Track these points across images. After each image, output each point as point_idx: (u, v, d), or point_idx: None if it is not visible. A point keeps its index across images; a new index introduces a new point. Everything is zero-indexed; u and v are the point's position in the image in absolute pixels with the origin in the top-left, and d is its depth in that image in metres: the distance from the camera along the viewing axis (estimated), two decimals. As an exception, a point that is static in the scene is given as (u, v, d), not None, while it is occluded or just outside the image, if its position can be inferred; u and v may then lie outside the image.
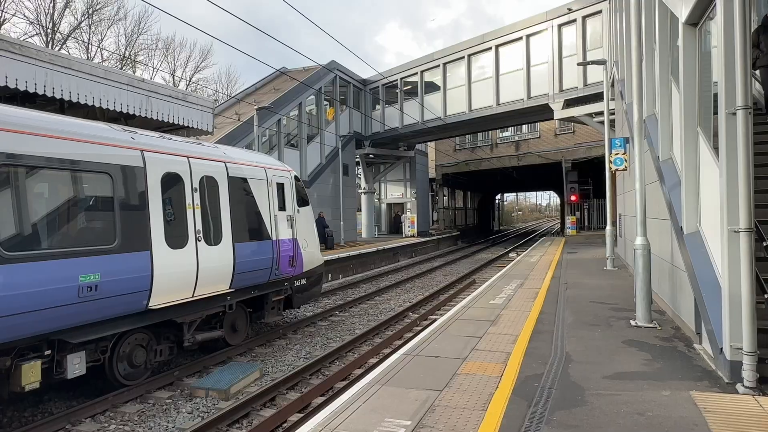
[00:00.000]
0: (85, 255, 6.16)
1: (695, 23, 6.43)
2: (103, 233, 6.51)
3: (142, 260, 6.88)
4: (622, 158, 13.14)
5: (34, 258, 5.64)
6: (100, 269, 6.28)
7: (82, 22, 30.64)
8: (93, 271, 6.20)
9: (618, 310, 8.88)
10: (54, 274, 5.77)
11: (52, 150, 5.94)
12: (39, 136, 5.85)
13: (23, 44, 8.17)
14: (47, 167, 5.95)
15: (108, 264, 6.39)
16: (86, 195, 6.46)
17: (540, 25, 23.58)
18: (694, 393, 4.79)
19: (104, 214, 6.61)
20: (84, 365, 6.40)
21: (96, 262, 6.26)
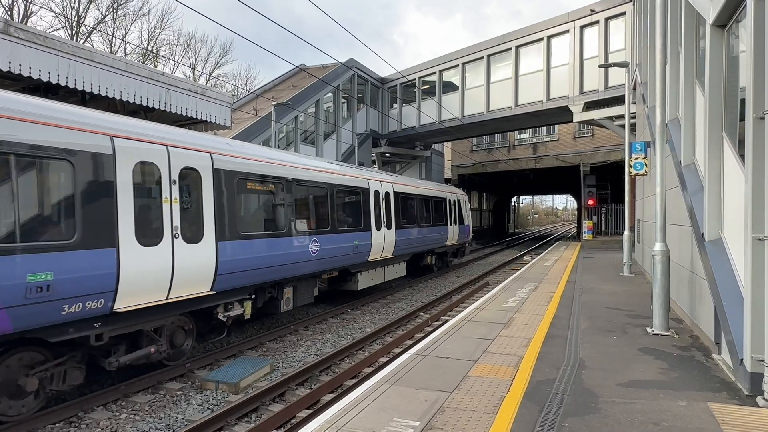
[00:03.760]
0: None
1: (723, 25, 6.26)
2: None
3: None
4: (642, 162, 12.92)
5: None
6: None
7: (107, 16, 31.13)
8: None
9: (634, 316, 8.72)
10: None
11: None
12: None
13: (47, 36, 8.30)
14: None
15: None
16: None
17: (561, 26, 23.28)
18: (711, 404, 4.66)
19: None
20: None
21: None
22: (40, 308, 5.46)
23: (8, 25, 7.67)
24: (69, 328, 5.95)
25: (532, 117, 25.83)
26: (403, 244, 15.35)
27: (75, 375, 6.33)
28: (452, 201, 20.73)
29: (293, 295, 10.45)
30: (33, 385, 5.79)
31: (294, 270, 9.95)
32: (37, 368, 5.88)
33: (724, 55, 6.37)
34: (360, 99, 29.47)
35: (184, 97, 10.80)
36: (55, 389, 6.13)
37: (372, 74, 30.26)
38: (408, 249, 15.94)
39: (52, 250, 5.59)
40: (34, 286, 5.38)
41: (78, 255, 5.83)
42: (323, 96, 25.98)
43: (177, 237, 7.18)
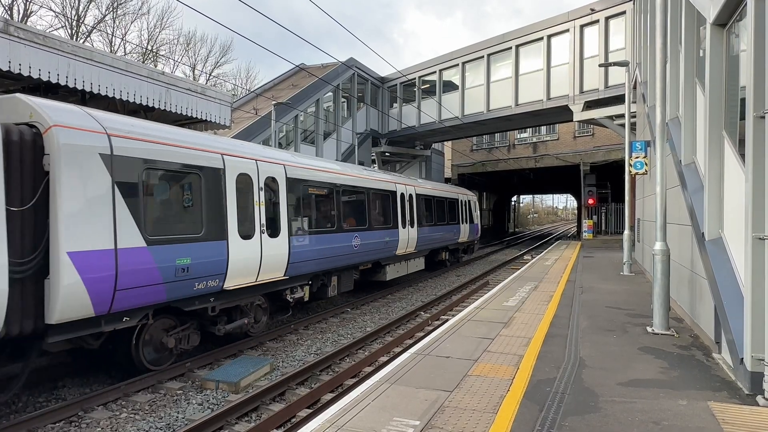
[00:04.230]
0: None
1: (723, 24, 6.26)
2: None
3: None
4: (642, 162, 12.92)
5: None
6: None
7: (107, 15, 31.11)
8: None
9: (634, 316, 8.72)
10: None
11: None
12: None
13: (47, 35, 8.29)
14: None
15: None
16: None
17: (561, 26, 23.26)
18: (712, 404, 4.66)
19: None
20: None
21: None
22: (182, 284, 7.28)
23: (8, 25, 7.66)
24: (196, 300, 7.75)
25: (532, 116, 25.82)
26: (423, 241, 17.21)
27: (194, 338, 8.13)
28: (464, 201, 22.54)
29: (337, 283, 12.15)
30: (171, 343, 7.64)
31: (340, 261, 11.79)
32: (171, 331, 7.67)
33: (725, 54, 6.37)
34: (360, 98, 29.45)
35: (184, 96, 10.79)
36: (182, 348, 7.90)
37: (372, 73, 30.24)
38: (427, 245, 17.82)
39: (190, 241, 7.39)
40: (180, 267, 7.21)
41: (204, 245, 7.65)
42: (323, 95, 25.96)
43: (263, 232, 9.01)
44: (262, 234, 8.94)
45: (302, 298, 10.56)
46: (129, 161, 6.59)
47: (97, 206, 6.18)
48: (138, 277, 6.60)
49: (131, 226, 6.55)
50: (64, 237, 5.76)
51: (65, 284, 5.72)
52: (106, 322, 6.44)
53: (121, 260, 6.37)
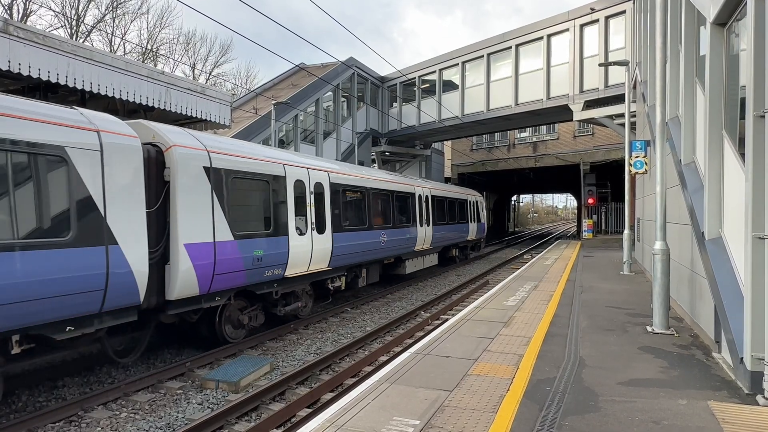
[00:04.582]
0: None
1: (723, 23, 6.25)
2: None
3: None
4: (642, 161, 12.92)
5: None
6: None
7: (106, 15, 31.09)
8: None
9: (634, 315, 8.72)
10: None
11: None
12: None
13: (46, 35, 8.28)
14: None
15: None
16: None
17: (561, 25, 23.25)
18: (712, 403, 4.66)
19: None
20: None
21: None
22: (257, 271, 8.89)
23: (8, 24, 7.66)
24: (265, 285, 9.36)
25: (532, 116, 25.81)
26: (437, 239, 18.94)
27: (260, 317, 9.74)
28: (472, 202, 24.35)
29: (366, 275, 13.75)
30: (245, 320, 9.20)
31: (370, 255, 13.49)
32: (244, 311, 9.24)
33: (725, 54, 6.36)
34: (360, 98, 29.43)
35: (183, 95, 10.79)
36: (251, 324, 9.43)
37: (372, 73, 30.22)
38: (440, 242, 19.52)
39: (263, 236, 9.06)
40: (256, 257, 8.81)
41: (273, 239, 9.32)
42: (323, 95, 25.95)
43: (313, 229, 10.66)
44: (312, 231, 10.65)
45: (339, 287, 12.32)
46: (222, 172, 8.26)
47: (202, 208, 7.81)
48: (228, 265, 8.25)
49: (224, 223, 8.20)
50: (181, 232, 7.40)
51: (182, 269, 7.37)
52: (204, 300, 8.00)
53: (218, 251, 8.01)
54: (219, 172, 8.17)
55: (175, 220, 7.35)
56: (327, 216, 11.21)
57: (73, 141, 5.96)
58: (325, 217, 11.13)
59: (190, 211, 7.55)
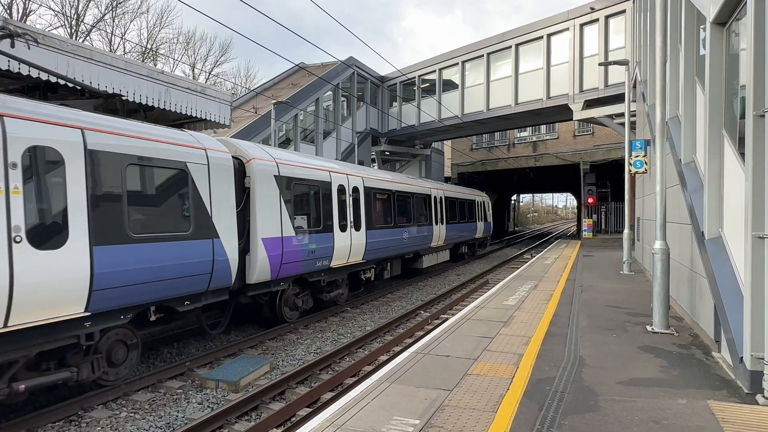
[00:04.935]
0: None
1: (723, 23, 6.25)
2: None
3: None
4: (642, 160, 12.92)
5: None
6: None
7: (106, 14, 31.08)
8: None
9: (634, 315, 8.72)
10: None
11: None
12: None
13: (46, 34, 8.27)
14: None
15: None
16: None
17: (561, 24, 23.24)
18: (711, 402, 4.66)
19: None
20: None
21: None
22: (310, 262, 10.58)
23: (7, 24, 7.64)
24: (315, 274, 10.99)
25: (532, 115, 25.80)
26: (450, 236, 20.61)
27: (309, 302, 11.35)
28: (479, 202, 26.08)
29: (390, 268, 15.39)
30: (299, 303, 10.86)
31: (395, 250, 15.16)
32: (298, 296, 10.86)
33: (724, 53, 6.36)
34: (360, 97, 29.42)
35: (183, 95, 10.77)
36: (303, 308, 11.07)
37: (372, 72, 30.20)
38: (452, 239, 21.11)
39: (315, 233, 10.74)
40: (310, 250, 10.51)
41: (322, 235, 10.99)
42: (323, 94, 25.94)
43: (352, 227, 12.26)
44: (351, 228, 12.25)
45: (370, 278, 13.85)
46: (286, 179, 9.96)
47: (273, 208, 9.49)
48: (292, 256, 9.92)
49: (288, 221, 9.86)
50: (259, 228, 9.07)
51: (259, 258, 9.00)
52: (273, 285, 9.66)
53: (285, 244, 9.69)
54: (284, 179, 9.91)
55: (255, 218, 9.08)
56: (362, 215, 12.95)
57: (191, 158, 7.67)
58: (360, 217, 12.86)
59: (264, 211, 9.29)
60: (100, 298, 6.10)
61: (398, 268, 16.06)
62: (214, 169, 8.10)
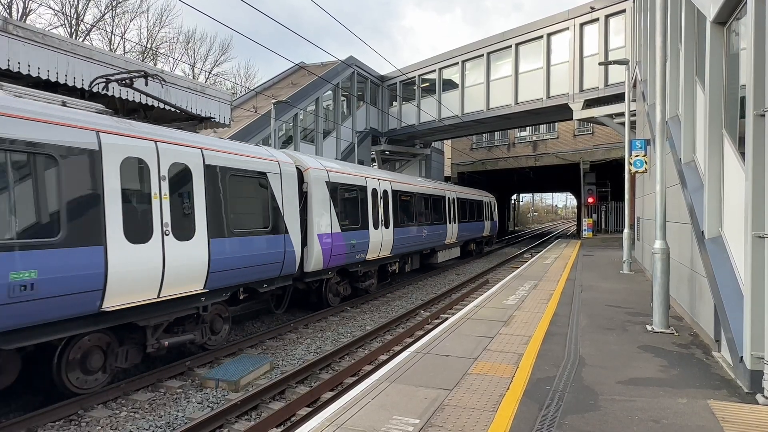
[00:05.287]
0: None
1: (723, 22, 6.25)
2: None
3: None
4: (642, 160, 12.91)
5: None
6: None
7: (106, 13, 31.05)
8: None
9: (634, 314, 8.72)
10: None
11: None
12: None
13: (46, 33, 8.27)
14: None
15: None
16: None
17: (561, 24, 23.22)
18: (711, 402, 4.66)
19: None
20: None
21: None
22: (351, 255, 12.35)
23: (7, 23, 7.64)
24: (353, 266, 12.81)
25: (532, 115, 25.78)
26: (461, 234, 22.50)
27: (348, 289, 13.19)
28: (486, 203, 28.00)
29: (411, 262, 17.29)
30: (341, 291, 12.72)
31: (416, 246, 17.06)
32: (340, 284, 12.63)
33: (725, 53, 6.36)
34: (360, 97, 29.39)
35: (183, 94, 10.77)
36: (343, 294, 12.88)
37: (372, 72, 30.18)
38: (463, 237, 23.02)
39: (355, 230, 12.59)
40: (351, 244, 12.25)
41: (360, 232, 12.85)
42: (323, 94, 25.91)
43: (382, 225, 14.15)
44: (382, 226, 14.08)
45: (395, 270, 15.69)
46: (333, 184, 11.77)
47: (324, 209, 11.33)
48: (338, 249, 11.70)
49: (335, 219, 11.66)
50: (315, 225, 10.92)
51: (315, 251, 10.86)
52: (323, 274, 11.50)
53: (333, 239, 11.49)
54: (332, 185, 11.72)
55: (311, 217, 10.91)
56: (390, 215, 14.75)
57: (269, 168, 9.53)
58: (389, 216, 14.66)
59: (318, 211, 11.13)
60: (213, 279, 7.93)
61: (417, 262, 17.95)
62: (284, 177, 9.93)
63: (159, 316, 7.21)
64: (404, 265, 16.51)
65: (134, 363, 7.19)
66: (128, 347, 7.05)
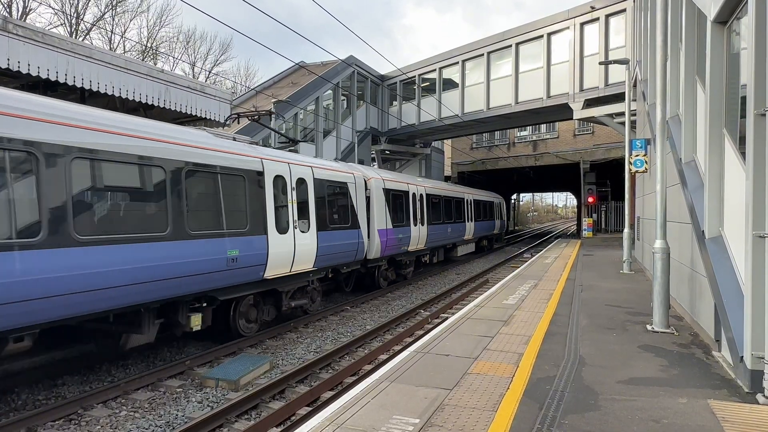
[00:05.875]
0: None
1: (724, 22, 6.24)
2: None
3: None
4: (642, 160, 12.91)
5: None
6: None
7: (106, 13, 31.04)
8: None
9: (634, 314, 8.71)
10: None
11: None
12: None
13: (46, 33, 8.26)
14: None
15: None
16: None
17: (562, 23, 23.20)
18: (712, 402, 4.66)
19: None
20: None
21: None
22: (398, 247, 15.26)
23: (7, 22, 7.64)
24: (399, 256, 15.70)
25: (532, 114, 25.76)
26: (477, 231, 25.71)
27: (394, 275, 16.02)
28: (497, 204, 31.33)
29: (437, 255, 20.56)
30: (390, 276, 15.67)
31: (442, 241, 20.12)
32: (388, 270, 15.55)
33: (725, 52, 6.35)
34: (360, 96, 29.36)
35: (183, 94, 10.78)
36: (390, 279, 15.80)
37: (372, 71, 30.15)
38: (478, 234, 26.18)
39: (401, 227, 15.36)
40: (399, 238, 15.20)
41: (404, 228, 15.69)
42: (323, 93, 25.89)
43: (419, 223, 17.11)
44: (419, 224, 17.17)
45: (427, 261, 19.15)
46: (387, 190, 14.77)
47: (382, 209, 14.27)
48: (391, 242, 14.65)
49: (389, 218, 14.64)
50: (376, 222, 13.83)
51: (376, 242, 13.77)
52: (379, 262, 14.41)
53: (388, 233, 14.47)
54: (386, 190, 14.80)
55: (373, 216, 13.89)
56: (425, 214, 17.73)
57: (348, 180, 12.75)
58: (424, 215, 17.66)
59: (378, 211, 14.12)
60: (318, 260, 10.97)
61: (442, 255, 21.24)
62: (357, 186, 13.13)
63: (290, 284, 10.25)
64: (433, 257, 19.83)
65: (272, 318, 10.24)
66: (269, 306, 10.11)
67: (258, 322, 9.60)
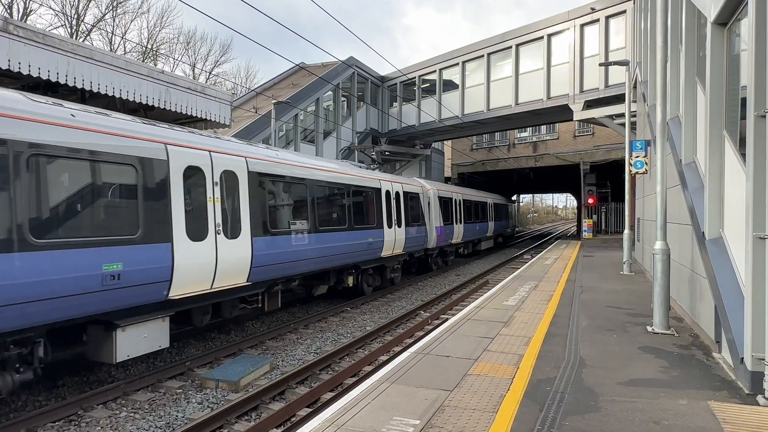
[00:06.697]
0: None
1: (724, 23, 6.24)
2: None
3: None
4: (642, 161, 12.91)
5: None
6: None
7: (106, 14, 31.07)
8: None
9: (634, 315, 8.71)
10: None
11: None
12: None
13: (46, 34, 8.26)
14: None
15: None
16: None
17: (562, 25, 23.22)
18: (712, 403, 4.66)
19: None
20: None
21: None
22: (446, 240, 20.38)
23: (7, 23, 7.64)
24: (446, 246, 20.77)
25: (532, 115, 25.77)
26: (495, 229, 30.27)
27: (441, 263, 21.18)
28: (509, 206, 36.45)
29: (467, 248, 25.30)
30: (439, 262, 21.03)
31: (473, 236, 24.95)
32: (437, 257, 20.71)
33: (725, 54, 6.35)
34: (360, 97, 29.39)
35: (183, 95, 10.77)
36: (439, 264, 21.00)
37: (372, 72, 30.17)
38: (496, 231, 30.83)
39: (448, 225, 20.56)
40: (447, 232, 20.33)
41: (449, 226, 20.81)
42: (323, 94, 25.92)
43: (458, 222, 22.21)
44: (459, 222, 21.78)
45: (463, 252, 24.45)
46: (439, 197, 19.48)
47: (437, 211, 19.14)
48: (442, 236, 19.43)
49: (441, 218, 19.40)
50: (433, 221, 18.64)
51: (433, 236, 18.53)
52: (433, 251, 19.23)
53: (441, 230, 19.24)
54: (440, 198, 19.36)
55: (430, 216, 18.15)
56: (462, 215, 22.47)
57: (418, 191, 17.54)
58: (461, 216, 22.41)
59: (435, 213, 18.61)
60: (406, 247, 15.93)
61: (470, 247, 25.77)
62: (423, 195, 17.80)
63: (393, 261, 15.25)
64: (464, 250, 24.61)
65: (376, 285, 14.78)
66: (377, 275, 14.71)
67: (370, 285, 14.33)
